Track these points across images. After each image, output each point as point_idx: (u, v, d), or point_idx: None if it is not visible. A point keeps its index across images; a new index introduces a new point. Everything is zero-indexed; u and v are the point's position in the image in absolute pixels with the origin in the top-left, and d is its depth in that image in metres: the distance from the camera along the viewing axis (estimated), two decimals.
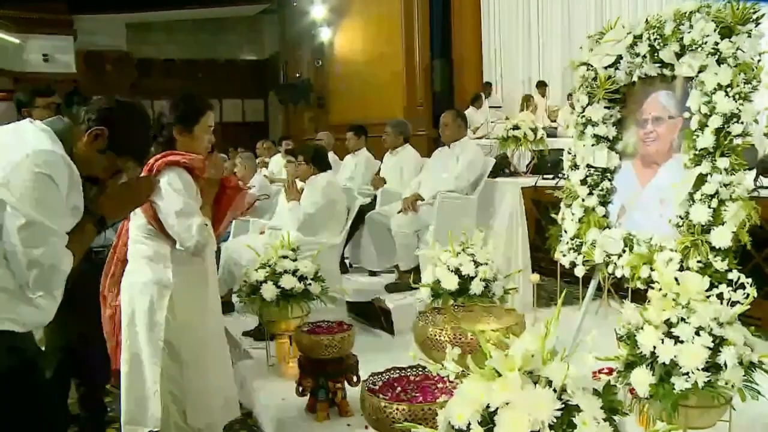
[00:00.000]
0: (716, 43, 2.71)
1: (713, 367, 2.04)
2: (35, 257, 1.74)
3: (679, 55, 2.88)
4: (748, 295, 2.21)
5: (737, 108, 2.63)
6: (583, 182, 3.41)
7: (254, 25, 19.01)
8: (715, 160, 2.68)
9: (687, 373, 2.03)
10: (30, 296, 1.77)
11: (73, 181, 1.84)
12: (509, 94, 11.95)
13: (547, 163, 5.43)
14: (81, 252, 1.94)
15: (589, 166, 3.39)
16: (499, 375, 1.46)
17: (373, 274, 5.30)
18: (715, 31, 2.72)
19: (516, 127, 5.43)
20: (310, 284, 3.58)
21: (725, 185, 2.66)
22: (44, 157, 1.77)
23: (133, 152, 2.06)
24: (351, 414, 3.07)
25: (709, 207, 2.68)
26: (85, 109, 1.98)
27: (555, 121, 10.19)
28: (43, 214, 1.75)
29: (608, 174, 3.38)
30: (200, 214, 2.57)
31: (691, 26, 2.81)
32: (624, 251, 3.12)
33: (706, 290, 2.19)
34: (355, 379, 3.11)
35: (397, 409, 2.12)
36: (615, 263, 3.15)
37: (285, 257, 3.61)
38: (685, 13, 2.86)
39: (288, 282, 3.50)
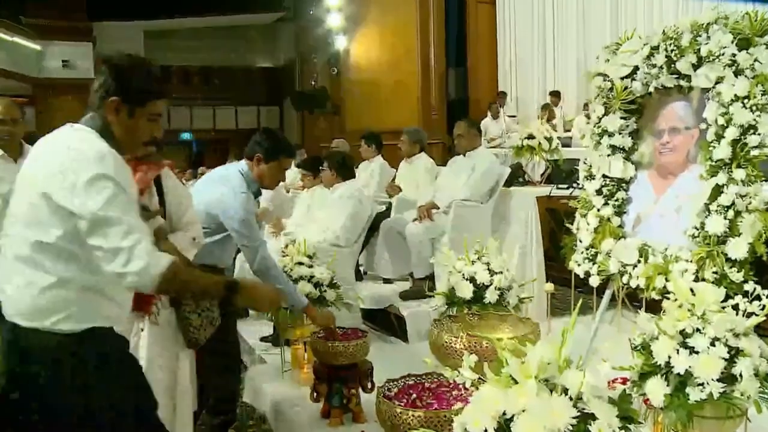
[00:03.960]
0: (734, 55, 2.70)
1: (728, 378, 2.04)
2: (97, 212, 1.72)
3: (696, 67, 2.88)
4: (764, 306, 2.21)
5: (754, 119, 2.62)
6: (599, 192, 3.42)
7: (270, 33, 19.12)
8: (732, 172, 2.68)
9: (702, 384, 2.03)
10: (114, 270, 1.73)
11: (128, 173, 1.88)
12: (524, 104, 11.95)
13: (562, 172, 5.42)
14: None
15: (604, 176, 3.39)
16: (516, 382, 1.48)
17: (387, 281, 5.31)
18: (732, 42, 2.71)
19: (531, 137, 5.43)
20: (325, 291, 3.60)
21: (741, 196, 2.65)
22: (99, 157, 1.79)
23: (151, 94, 1.97)
24: (365, 420, 3.08)
25: (725, 218, 2.67)
26: (93, 91, 1.93)
27: (569, 130, 10.16)
28: (112, 210, 1.74)
29: (624, 184, 3.38)
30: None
31: (708, 38, 2.81)
32: (639, 261, 3.11)
33: (722, 301, 2.19)
34: (369, 385, 3.13)
35: (413, 416, 2.14)
36: (630, 273, 3.14)
37: (301, 264, 3.64)
38: (703, 24, 2.86)
39: (303, 288, 3.53)
